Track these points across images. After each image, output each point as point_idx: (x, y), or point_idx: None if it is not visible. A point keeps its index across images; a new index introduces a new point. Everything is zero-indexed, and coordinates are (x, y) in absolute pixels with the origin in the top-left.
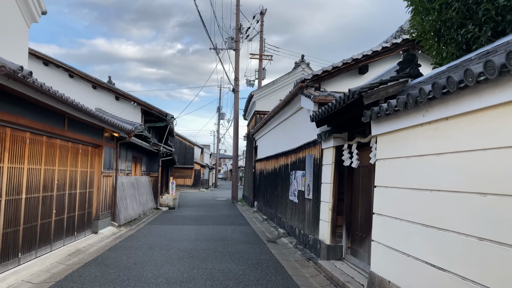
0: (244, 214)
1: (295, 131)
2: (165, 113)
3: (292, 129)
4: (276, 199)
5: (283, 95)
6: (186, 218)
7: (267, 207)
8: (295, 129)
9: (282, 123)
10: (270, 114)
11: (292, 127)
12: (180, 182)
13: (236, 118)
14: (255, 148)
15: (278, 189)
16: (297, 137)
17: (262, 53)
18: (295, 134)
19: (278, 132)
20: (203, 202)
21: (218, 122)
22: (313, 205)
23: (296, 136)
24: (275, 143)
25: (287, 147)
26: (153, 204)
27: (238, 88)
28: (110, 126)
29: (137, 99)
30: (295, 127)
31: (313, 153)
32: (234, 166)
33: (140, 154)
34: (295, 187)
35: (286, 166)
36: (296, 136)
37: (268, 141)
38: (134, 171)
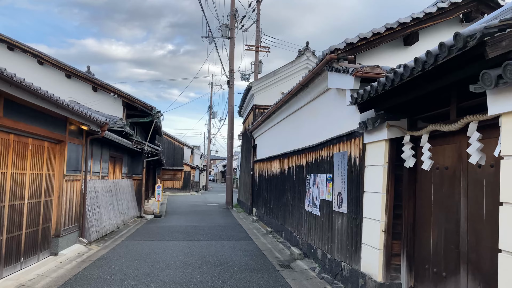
0: (243, 224)
1: (316, 122)
2: (150, 107)
3: (310, 120)
4: (284, 208)
5: (286, 87)
6: (174, 230)
7: (271, 216)
8: (316, 119)
9: (294, 114)
10: (277, 105)
11: (310, 118)
12: (168, 185)
13: (231, 113)
14: (253, 147)
15: (287, 196)
16: (319, 131)
17: (259, 44)
18: (315, 126)
19: (286, 127)
20: (193, 208)
21: (209, 121)
22: (348, 221)
23: (317, 129)
24: (282, 140)
25: (301, 144)
26: (136, 212)
27: (233, 81)
28: (73, 115)
29: (118, 90)
30: (315, 117)
31: (347, 150)
32: (229, 168)
33: (120, 154)
34: (316, 195)
35: (300, 167)
36: (316, 129)
37: (271, 138)
38: (112, 174)
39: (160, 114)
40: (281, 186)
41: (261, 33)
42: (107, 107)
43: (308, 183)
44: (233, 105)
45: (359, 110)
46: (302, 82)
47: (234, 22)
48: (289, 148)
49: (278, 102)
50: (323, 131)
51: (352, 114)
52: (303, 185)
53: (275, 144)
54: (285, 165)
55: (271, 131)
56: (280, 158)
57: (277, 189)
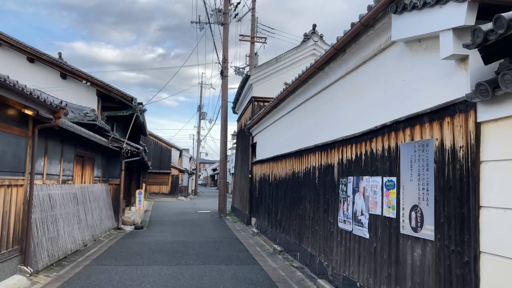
0: (241, 238)
1: (357, 102)
2: (129, 97)
3: (346, 101)
4: (299, 222)
5: (290, 76)
6: (156, 247)
7: (278, 230)
8: (358, 98)
9: (315, 98)
10: (290, 88)
11: (346, 97)
12: (155, 190)
13: (224, 109)
14: (252, 146)
15: (305, 206)
16: (364, 113)
17: (255, 35)
18: (357, 108)
19: (301, 116)
20: (182, 216)
21: (199, 121)
22: (439, 255)
23: (361, 111)
24: (294, 134)
25: (328, 136)
26: (111, 223)
27: (227, 72)
28: (2, 91)
29: (91, 77)
30: (356, 95)
31: (433, 137)
32: (222, 171)
33: (91, 153)
34: (360, 208)
35: (327, 168)
36: (359, 112)
37: (277, 133)
38: (79, 177)
39: (142, 107)
40: (293, 192)
41: (257, 22)
42: (79, 98)
43: (344, 190)
44: (227, 99)
45: (485, 60)
46: (337, 45)
47: (228, 6)
48: (306, 143)
49: (293, 83)
50: (373, 112)
51: (446, 75)
52: (333, 192)
53: (283, 140)
54: (300, 166)
55: (277, 124)
56: (292, 157)
57: (287, 196)
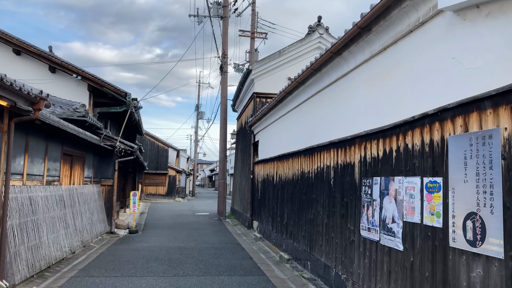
0: (243, 244)
1: (385, 88)
2: (123, 93)
3: (371, 88)
4: (310, 228)
5: (294, 71)
6: (151, 254)
7: (285, 235)
8: (386, 83)
9: (330, 88)
10: (299, 78)
11: (371, 84)
12: (151, 191)
13: (224, 106)
14: (254, 145)
15: (317, 209)
16: (394, 102)
17: (255, 30)
18: (386, 95)
19: (311, 110)
20: (179, 219)
21: (197, 121)
22: None
23: (391, 99)
24: (303, 130)
25: (347, 130)
26: (104, 227)
27: (227, 67)
28: None
29: (82, 70)
30: (385, 80)
31: (502, 126)
32: (222, 171)
33: (81, 152)
34: (391, 214)
35: (346, 167)
36: (388, 100)
37: (283, 130)
38: (67, 178)
39: (137, 103)
40: (302, 194)
41: (257, 17)
42: (69, 93)
43: (367, 193)
44: (227, 96)
45: None
46: (361, 23)
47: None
48: (318, 140)
49: (303, 72)
50: (406, 100)
51: None
52: (353, 195)
53: (290, 137)
54: (311, 165)
55: (283, 121)
56: (301, 155)
57: (295, 198)
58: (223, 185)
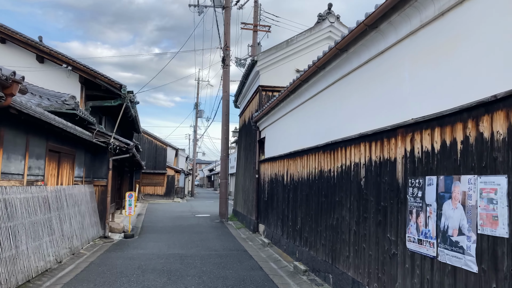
0: (251, 251)
1: (446, 66)
2: (118, 85)
3: (419, 69)
4: (332, 235)
5: (302, 63)
6: (148, 265)
7: (299, 242)
8: (446, 61)
9: (357, 72)
10: (320, 62)
11: (420, 62)
12: (149, 191)
13: (226, 101)
14: (259, 142)
15: (341, 214)
16: (454, 82)
17: (257, 23)
18: (447, 74)
19: (333, 99)
20: (178, 221)
21: (196, 119)
22: None
23: (451, 79)
24: (322, 122)
25: (380, 121)
26: (97, 231)
27: (229, 60)
28: None
29: (72, 60)
30: (442, 58)
31: None
32: (223, 170)
33: (70, 148)
34: (458, 224)
35: (380, 165)
36: (447, 80)
37: (294, 124)
38: (54, 177)
39: (133, 96)
40: (321, 196)
41: (260, 9)
42: (59, 85)
43: (417, 196)
44: (229, 91)
45: None
46: None
47: None
48: (342, 133)
49: (325, 54)
50: (477, 76)
51: None
52: (394, 198)
53: (304, 132)
54: (333, 163)
55: (295, 114)
56: (319, 152)
57: (311, 201)
58: (225, 185)
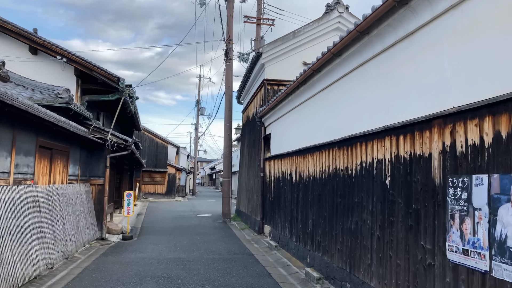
0: (257, 254)
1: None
2: (116, 78)
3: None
4: (350, 240)
5: (310, 55)
6: (147, 271)
7: (309, 247)
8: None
9: (379, 58)
10: (336, 48)
11: (462, 41)
12: (150, 190)
13: (229, 96)
14: (265, 138)
15: (361, 217)
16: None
17: (261, 16)
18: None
19: (350, 88)
20: (180, 221)
21: (197, 117)
22: None
23: None
24: (337, 116)
25: (409, 113)
26: (93, 233)
27: (232, 54)
28: None
29: (67, 52)
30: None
31: None
32: (226, 168)
33: (63, 145)
34: None
35: (410, 162)
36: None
37: (304, 119)
38: (46, 176)
39: (132, 90)
40: (336, 197)
41: (263, 2)
42: (53, 78)
43: (460, 198)
44: (232, 86)
45: None
46: None
47: None
48: (363, 126)
49: (343, 39)
50: None
51: None
52: (430, 200)
53: (316, 127)
54: (351, 160)
55: (305, 107)
56: (333, 148)
57: (324, 201)
58: (228, 184)
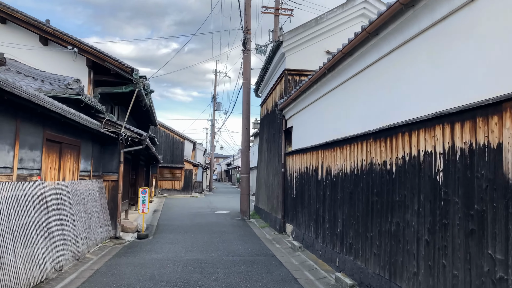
0: (279, 255)
1: None
2: (129, 68)
3: None
4: (390, 244)
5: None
6: (162, 274)
7: (339, 249)
8: None
9: (431, 33)
10: (372, 27)
11: None
12: (167, 186)
13: (246, 89)
14: (286, 132)
15: (403, 218)
16: None
17: (279, 6)
18: None
19: (389, 73)
20: (197, 219)
21: (213, 112)
22: None
23: None
24: (373, 104)
25: (471, 94)
26: (107, 232)
27: (250, 44)
28: None
29: (79, 41)
30: None
31: None
32: (244, 164)
33: (74, 138)
34: None
35: (473, 154)
36: None
37: (332, 109)
38: (55, 171)
39: (147, 83)
40: (372, 195)
41: None
42: (64, 69)
43: None
44: (250, 78)
45: None
46: None
47: None
48: (402, 115)
49: (391, 6)
50: None
51: None
52: (499, 200)
53: (345, 117)
54: (391, 152)
55: (332, 96)
56: (369, 139)
57: (356, 199)
58: (247, 180)
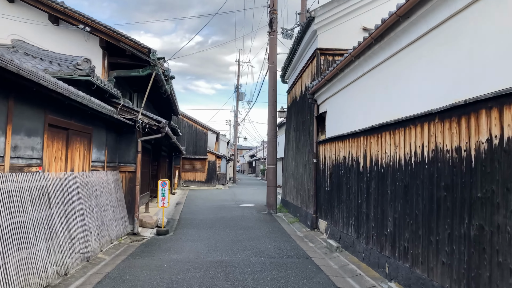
0: (314, 256)
1: None
2: (146, 49)
3: None
4: (465, 251)
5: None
6: (181, 280)
7: (389, 252)
8: None
9: None
10: None
11: None
12: (190, 177)
13: (273, 74)
14: (318, 118)
15: (491, 221)
16: None
17: None
18: None
19: (468, 34)
20: (221, 213)
21: (237, 102)
22: None
23: None
24: (438, 77)
25: None
26: (123, 228)
27: (276, 26)
28: None
29: (91, 20)
30: None
31: None
32: (271, 154)
33: (83, 125)
34: None
35: None
36: None
37: (381, 88)
38: (62, 161)
39: (164, 64)
40: (437, 190)
41: None
42: (75, 49)
43: None
44: (276, 62)
45: None
46: None
47: None
48: (478, 88)
49: None
50: None
51: None
52: None
53: (398, 95)
54: (464, 137)
55: (378, 73)
56: (433, 121)
57: (414, 195)
58: (273, 171)
